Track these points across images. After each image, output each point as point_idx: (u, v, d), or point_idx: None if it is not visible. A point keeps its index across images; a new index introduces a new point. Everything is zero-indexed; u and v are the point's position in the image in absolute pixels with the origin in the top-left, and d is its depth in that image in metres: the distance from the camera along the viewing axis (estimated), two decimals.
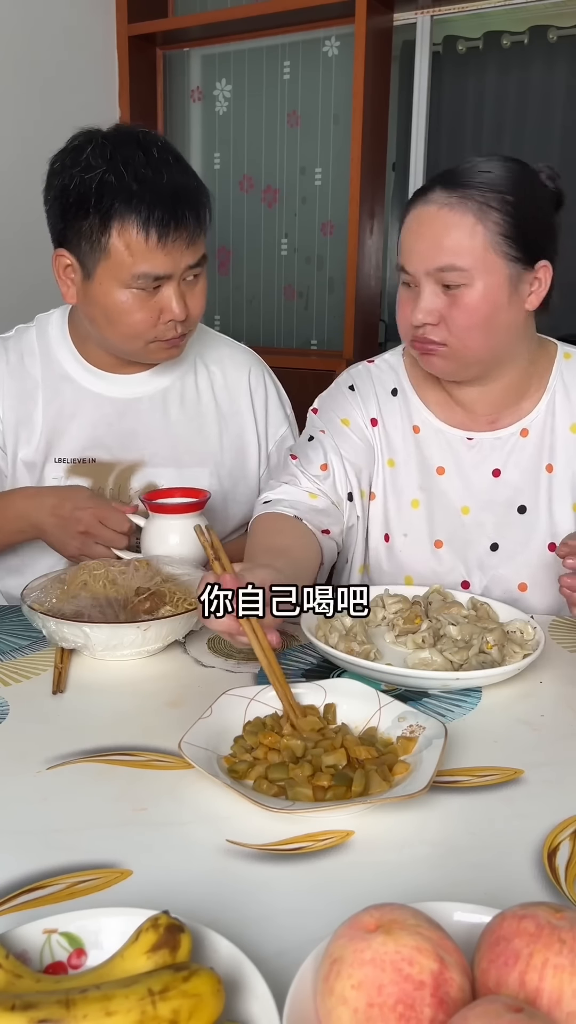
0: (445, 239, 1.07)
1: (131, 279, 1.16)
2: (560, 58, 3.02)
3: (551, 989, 0.44)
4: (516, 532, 1.23)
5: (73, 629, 0.97)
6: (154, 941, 0.48)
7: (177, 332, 1.22)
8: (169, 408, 1.36)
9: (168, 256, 1.15)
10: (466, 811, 0.73)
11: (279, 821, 0.70)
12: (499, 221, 1.07)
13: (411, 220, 1.12)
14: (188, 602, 1.03)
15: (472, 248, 1.07)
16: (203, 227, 1.19)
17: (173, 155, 1.18)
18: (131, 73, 3.39)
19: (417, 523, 1.26)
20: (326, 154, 3.32)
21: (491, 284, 1.08)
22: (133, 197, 1.12)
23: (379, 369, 1.32)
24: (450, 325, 1.10)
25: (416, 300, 1.11)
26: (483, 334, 1.11)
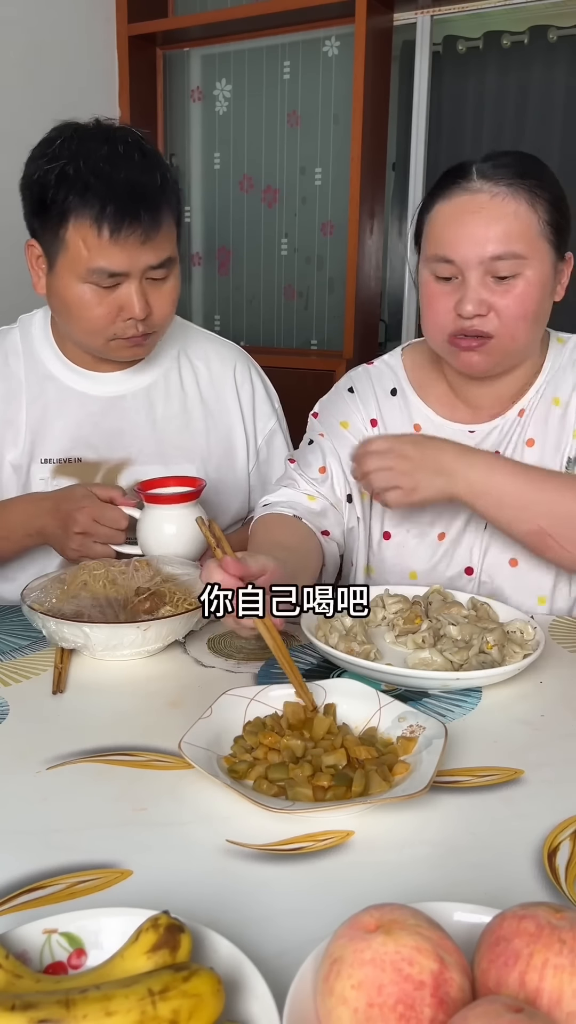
0: (501, 226, 1.06)
1: (87, 273, 1.14)
2: (560, 58, 3.02)
3: (551, 989, 0.44)
4: None
5: (73, 629, 0.97)
6: (154, 941, 0.48)
7: (138, 331, 1.20)
8: (154, 404, 1.36)
9: (123, 253, 1.13)
10: (466, 811, 0.73)
11: (279, 821, 0.70)
12: (547, 209, 1.08)
13: (452, 210, 1.09)
14: (188, 602, 1.03)
15: (528, 235, 1.07)
16: (160, 225, 1.15)
17: (142, 151, 1.16)
18: (131, 73, 3.39)
19: (421, 518, 1.26)
20: (326, 154, 3.32)
21: (541, 272, 1.09)
22: (88, 190, 1.11)
23: (378, 370, 1.32)
24: (501, 315, 1.09)
25: (459, 292, 1.09)
26: (530, 324, 1.11)
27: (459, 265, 1.08)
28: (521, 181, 1.07)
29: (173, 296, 1.23)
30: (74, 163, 1.12)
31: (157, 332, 1.25)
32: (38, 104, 3.00)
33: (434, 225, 1.12)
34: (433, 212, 1.12)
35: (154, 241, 1.14)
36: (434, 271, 1.12)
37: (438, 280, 1.12)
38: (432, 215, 1.13)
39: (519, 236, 1.06)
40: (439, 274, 1.11)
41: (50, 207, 1.14)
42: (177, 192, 1.20)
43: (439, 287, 1.12)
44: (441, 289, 1.12)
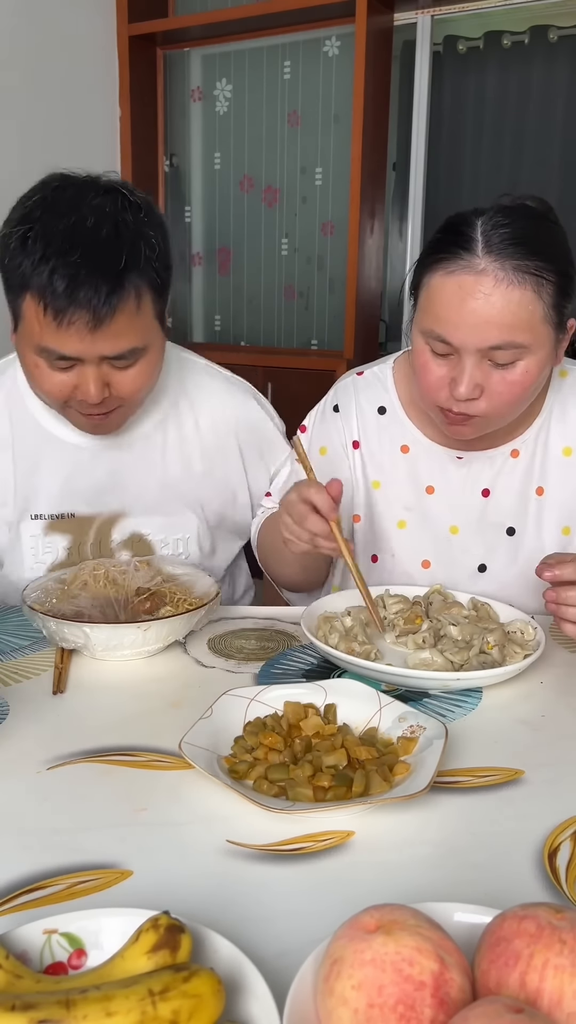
0: (503, 316, 0.99)
1: (38, 350, 1.05)
2: (560, 58, 3.02)
3: (552, 990, 0.44)
4: (504, 554, 1.22)
5: (73, 629, 0.97)
6: (154, 941, 0.48)
7: (95, 410, 1.10)
8: (149, 455, 1.26)
9: (71, 339, 1.01)
10: (466, 811, 0.73)
11: (279, 821, 0.70)
12: (552, 292, 1.01)
13: (451, 287, 1.01)
14: (188, 602, 1.03)
15: (531, 325, 1.01)
16: (114, 313, 1.01)
17: (115, 225, 1.01)
18: (131, 73, 3.39)
19: (405, 543, 1.25)
20: (326, 154, 3.32)
21: (541, 357, 1.04)
22: (39, 265, 0.99)
23: (367, 383, 1.27)
24: (492, 398, 1.04)
25: (454, 369, 1.04)
26: (521, 405, 1.08)
27: (456, 347, 1.03)
28: (530, 263, 0.99)
29: (142, 379, 1.10)
30: (35, 230, 1.01)
31: (125, 407, 1.14)
32: (38, 104, 3.00)
33: (432, 297, 1.04)
34: (433, 281, 1.04)
35: (108, 328, 1.01)
36: (430, 345, 1.06)
37: (433, 354, 1.07)
38: (431, 284, 1.04)
39: (522, 325, 1.00)
40: (435, 350, 1.06)
41: (8, 271, 1.04)
42: (158, 270, 1.06)
43: (434, 360, 1.07)
44: (436, 363, 1.07)
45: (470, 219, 1.03)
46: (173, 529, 1.28)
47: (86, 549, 1.25)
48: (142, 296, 1.04)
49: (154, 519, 1.27)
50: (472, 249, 1.01)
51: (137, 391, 1.11)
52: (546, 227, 1.06)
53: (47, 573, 1.21)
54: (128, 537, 1.26)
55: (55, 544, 1.24)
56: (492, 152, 3.21)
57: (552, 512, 1.20)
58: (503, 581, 1.21)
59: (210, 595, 1.05)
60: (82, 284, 0.99)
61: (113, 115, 3.42)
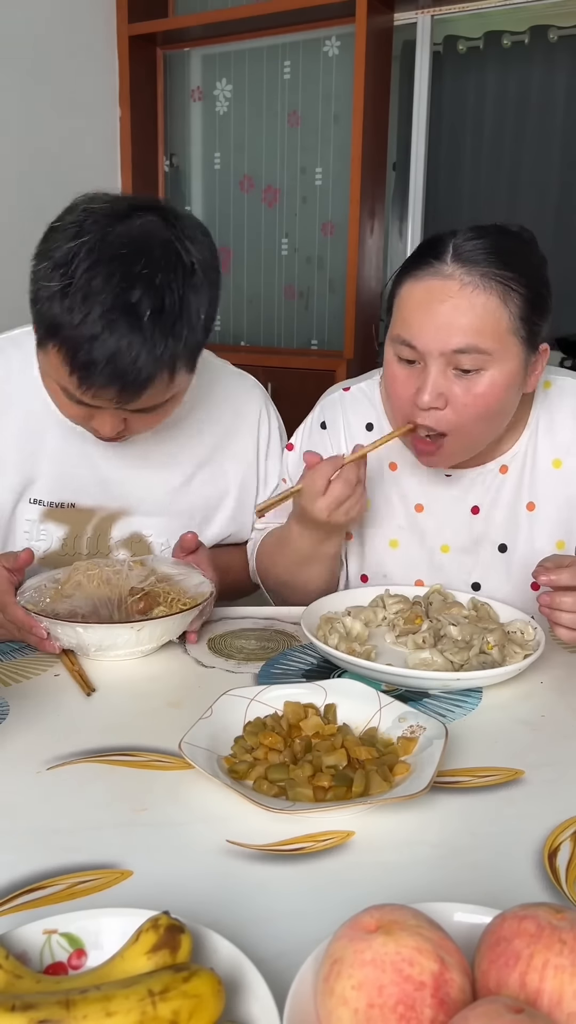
0: (468, 319, 0.99)
1: (59, 386, 1.03)
2: (560, 58, 3.02)
3: (552, 990, 0.44)
4: (498, 571, 1.21)
5: (66, 629, 0.97)
6: (154, 942, 0.48)
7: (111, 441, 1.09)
8: (162, 453, 1.23)
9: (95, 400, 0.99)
10: (467, 812, 0.73)
11: (279, 821, 0.70)
12: (519, 304, 1.01)
13: (419, 292, 1.02)
14: (182, 602, 1.03)
15: (496, 331, 1.00)
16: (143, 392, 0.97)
17: (157, 309, 0.93)
18: (131, 73, 3.39)
19: (396, 563, 1.24)
20: (326, 154, 3.32)
21: (507, 370, 1.03)
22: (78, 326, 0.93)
23: (354, 399, 1.26)
24: (458, 410, 1.03)
25: (420, 379, 1.04)
26: (488, 422, 1.07)
27: (421, 352, 1.02)
28: (497, 272, 1.00)
29: (159, 419, 1.08)
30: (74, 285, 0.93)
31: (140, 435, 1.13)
32: (38, 104, 3.00)
33: (401, 305, 1.05)
34: (403, 289, 1.05)
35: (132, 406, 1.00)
36: (397, 352, 1.06)
37: (400, 362, 1.06)
38: (401, 292, 1.05)
39: (487, 331, 1.00)
40: (402, 356, 1.06)
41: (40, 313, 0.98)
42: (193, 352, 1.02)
43: (401, 370, 1.06)
44: (403, 372, 1.06)
45: (444, 237, 1.05)
46: (177, 532, 1.24)
47: (82, 542, 1.23)
48: (177, 370, 1.00)
49: (158, 521, 1.25)
50: (442, 258, 1.02)
51: (151, 427, 1.10)
52: (519, 245, 1.06)
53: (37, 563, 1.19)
54: (128, 536, 1.25)
55: (50, 533, 1.22)
56: (492, 152, 3.21)
57: (544, 526, 1.19)
58: (498, 598, 1.19)
59: (204, 595, 1.05)
60: (116, 363, 0.94)
61: (113, 115, 3.42)
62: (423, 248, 1.06)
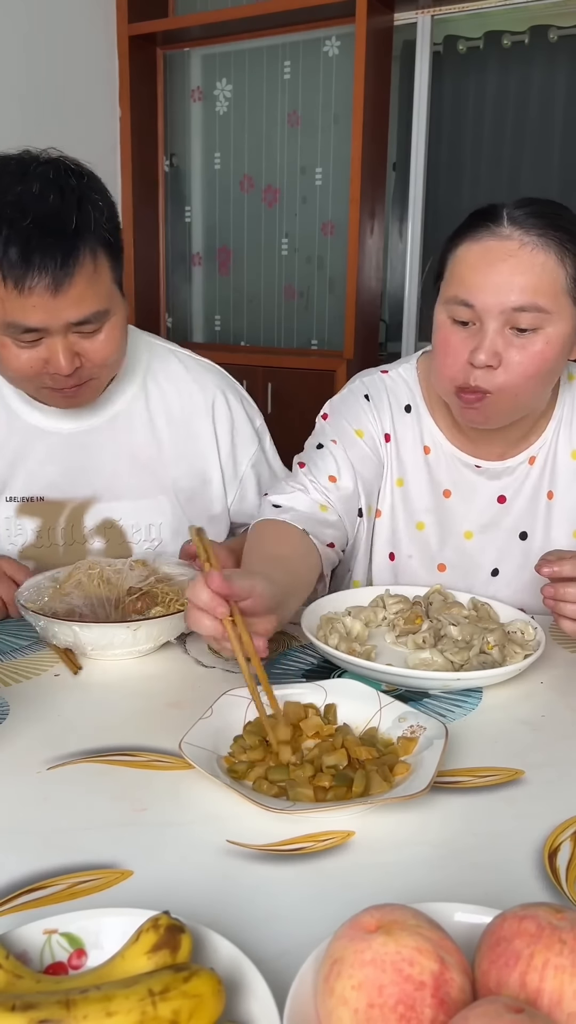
0: (529, 276, 1.00)
1: (3, 327, 1.04)
2: (560, 58, 3.02)
3: (552, 990, 0.44)
4: (516, 558, 1.22)
5: (63, 628, 0.97)
6: (154, 941, 0.48)
7: (67, 384, 1.10)
8: (120, 437, 1.27)
9: (34, 306, 1.01)
10: (467, 812, 0.73)
11: (280, 821, 0.70)
12: (574, 264, 1.02)
13: (477, 252, 1.03)
14: (179, 603, 1.03)
15: (554, 290, 1.01)
16: (73, 273, 1.01)
17: (61, 189, 1.02)
18: (131, 73, 3.39)
19: (422, 545, 1.25)
20: (326, 154, 3.32)
21: (562, 331, 1.04)
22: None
23: (393, 382, 1.26)
24: (509, 370, 1.04)
25: (475, 340, 1.04)
26: (538, 384, 1.07)
27: (479, 311, 1.03)
28: (553, 232, 1.02)
29: (111, 343, 1.11)
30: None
31: (98, 379, 1.14)
32: (38, 104, 3.01)
33: (457, 266, 1.06)
34: (458, 252, 1.06)
35: (69, 291, 1.02)
36: (452, 314, 1.06)
37: (455, 323, 1.06)
38: (456, 255, 1.06)
39: (545, 290, 1.01)
40: (457, 317, 1.05)
41: None
42: (106, 230, 1.07)
43: (455, 331, 1.06)
44: (457, 334, 1.06)
45: (495, 204, 1.07)
46: (145, 514, 1.28)
47: (56, 534, 1.26)
48: (98, 257, 1.05)
49: (125, 504, 1.28)
50: (498, 220, 1.04)
51: (106, 358, 1.11)
52: (567, 211, 1.08)
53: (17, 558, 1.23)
54: (100, 523, 1.27)
55: (24, 527, 1.25)
56: (492, 152, 3.21)
57: (562, 516, 1.21)
58: (515, 585, 1.21)
59: None
60: (36, 249, 0.99)
61: (113, 115, 3.42)
62: (475, 215, 1.08)
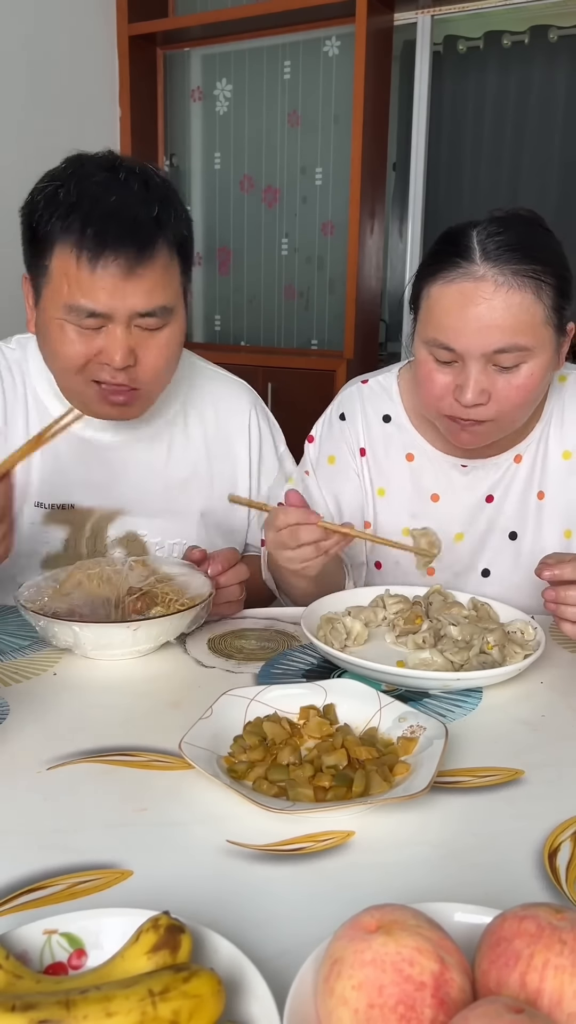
0: (506, 319, 1.01)
1: (66, 310, 1.03)
2: (560, 58, 3.02)
3: (552, 990, 0.44)
4: (507, 558, 1.23)
5: (63, 627, 0.97)
6: (154, 942, 0.48)
7: (114, 379, 1.07)
8: (154, 457, 1.26)
9: (104, 287, 1.01)
10: (467, 812, 0.73)
11: (279, 821, 0.70)
12: (551, 295, 1.02)
13: (452, 295, 1.02)
14: (179, 603, 1.03)
15: (533, 327, 1.02)
16: (149, 260, 1.02)
17: (145, 182, 1.04)
18: (131, 73, 3.39)
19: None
20: (326, 154, 3.32)
21: (544, 359, 1.05)
22: (72, 212, 1.00)
23: (372, 391, 1.27)
24: (501, 403, 1.05)
25: (459, 376, 1.05)
26: (528, 408, 1.09)
27: (460, 353, 1.04)
28: (527, 266, 1.01)
29: (169, 352, 1.10)
30: (66, 186, 1.02)
31: (146, 391, 1.12)
32: (38, 104, 3.01)
33: (434, 307, 1.05)
34: (433, 290, 1.05)
35: (141, 278, 1.02)
36: (433, 354, 1.07)
37: (437, 363, 1.07)
38: (431, 293, 1.05)
39: (524, 328, 1.01)
40: (438, 358, 1.06)
41: (37, 231, 1.04)
42: (183, 235, 1.08)
43: (438, 369, 1.07)
44: (440, 371, 1.07)
45: (465, 230, 1.05)
46: (170, 533, 1.27)
47: (81, 541, 1.24)
48: (173, 252, 1.05)
49: (154, 521, 1.26)
50: (470, 257, 1.02)
51: (161, 366, 1.10)
52: (540, 233, 1.07)
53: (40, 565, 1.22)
54: (124, 535, 1.26)
55: (52, 535, 1.23)
56: (492, 152, 3.21)
57: (553, 516, 1.21)
58: (506, 585, 1.21)
59: (202, 596, 1.05)
60: (115, 229, 0.99)
61: (113, 115, 3.42)
62: (447, 245, 1.05)
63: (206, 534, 1.30)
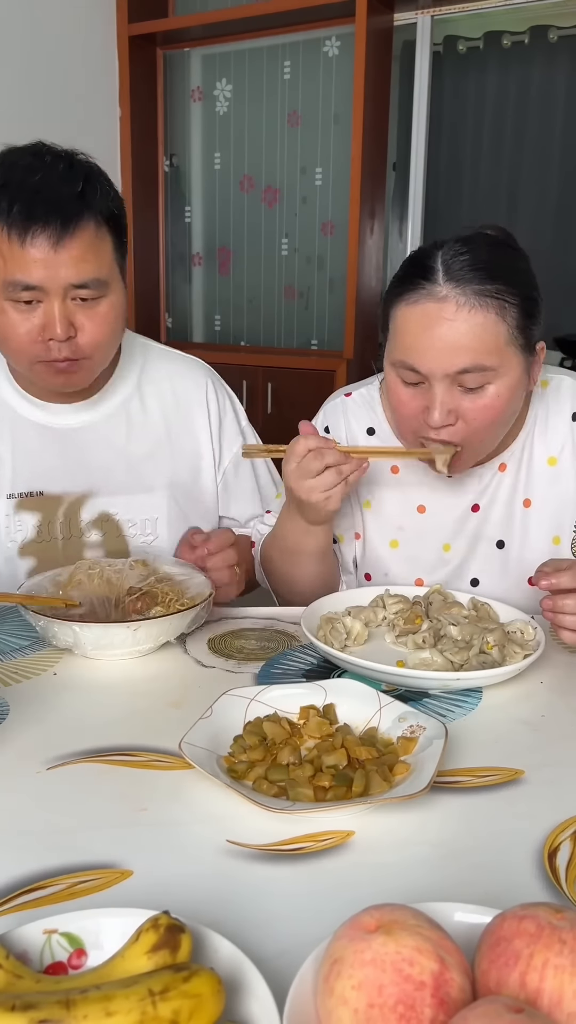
0: (468, 339, 1.00)
1: (4, 288, 1.08)
2: (560, 58, 3.02)
3: (552, 990, 0.44)
4: (495, 567, 1.22)
5: (63, 628, 0.97)
6: (154, 941, 0.48)
7: (61, 355, 1.12)
8: (116, 434, 1.30)
9: (35, 262, 1.06)
10: (467, 811, 0.73)
11: (279, 821, 0.70)
12: (515, 315, 1.02)
13: (416, 317, 1.03)
14: (180, 603, 1.03)
15: (496, 346, 1.01)
16: (74, 233, 1.06)
17: (70, 164, 1.10)
18: (131, 73, 3.39)
19: (397, 562, 1.25)
20: (326, 154, 3.32)
21: (511, 379, 1.04)
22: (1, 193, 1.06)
23: (355, 404, 1.27)
24: (470, 423, 1.05)
25: (427, 398, 1.05)
26: (499, 428, 1.09)
27: (425, 374, 1.04)
28: (490, 286, 1.00)
29: (108, 322, 1.14)
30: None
31: (91, 359, 1.16)
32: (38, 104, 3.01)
33: (399, 328, 1.06)
34: (398, 312, 1.05)
35: (69, 250, 1.07)
36: (400, 375, 1.07)
37: (404, 384, 1.07)
38: (396, 315, 1.06)
39: (488, 348, 1.01)
40: (406, 380, 1.07)
41: None
42: (113, 213, 1.12)
43: (406, 391, 1.08)
44: (408, 393, 1.07)
45: (431, 251, 1.05)
46: (140, 509, 1.30)
47: (55, 527, 1.27)
48: (101, 228, 1.10)
49: (120, 499, 1.29)
50: (433, 279, 1.02)
51: (101, 336, 1.14)
52: (505, 253, 1.07)
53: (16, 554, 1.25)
54: (96, 516, 1.28)
55: (24, 522, 1.26)
56: (492, 152, 3.21)
57: (540, 523, 1.20)
58: (495, 594, 1.20)
59: (202, 596, 1.05)
60: (41, 204, 1.05)
61: (113, 115, 3.42)
62: (411, 267, 1.06)
63: (177, 507, 1.33)
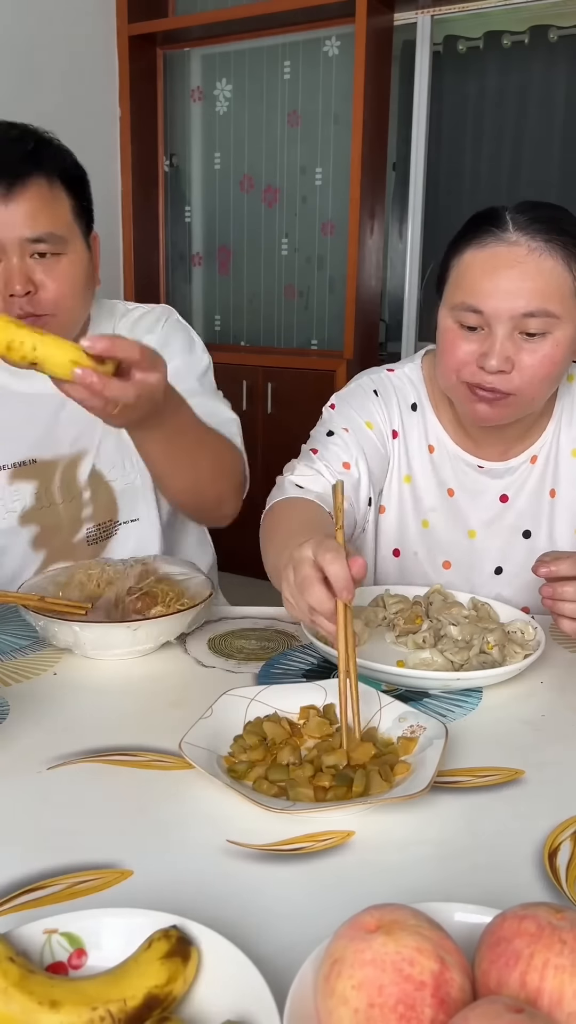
0: (536, 283, 1.02)
1: None
2: (560, 58, 3.02)
3: (552, 990, 0.44)
4: (520, 556, 1.23)
5: (63, 628, 0.97)
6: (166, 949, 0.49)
7: (22, 311, 1.12)
8: None
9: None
10: (467, 811, 0.73)
11: (280, 821, 0.70)
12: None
13: (484, 259, 1.04)
14: (180, 603, 1.03)
15: (562, 294, 1.02)
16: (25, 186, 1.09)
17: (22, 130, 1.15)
18: (131, 73, 3.39)
19: (428, 542, 1.26)
20: (326, 154, 3.32)
21: (569, 333, 1.05)
22: None
23: (400, 380, 1.27)
24: (524, 374, 1.05)
25: (484, 344, 1.05)
26: (550, 384, 1.08)
27: (488, 317, 1.04)
28: (558, 237, 1.03)
29: (69, 278, 1.15)
30: None
31: (56, 317, 1.16)
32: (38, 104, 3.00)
33: (464, 272, 1.06)
34: (464, 258, 1.06)
35: (19, 204, 1.09)
36: (459, 319, 1.06)
37: (461, 328, 1.07)
38: (462, 261, 1.07)
39: (554, 294, 1.02)
40: (465, 323, 1.06)
41: None
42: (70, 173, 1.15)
43: (463, 335, 1.07)
44: (465, 338, 1.07)
45: (497, 209, 1.07)
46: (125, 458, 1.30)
47: (53, 492, 1.28)
48: (55, 184, 1.12)
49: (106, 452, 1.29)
50: (503, 227, 1.04)
51: (62, 292, 1.14)
52: (567, 214, 1.09)
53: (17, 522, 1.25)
54: (89, 476, 1.29)
55: (22, 491, 1.27)
56: (492, 152, 3.21)
57: (564, 513, 1.21)
58: (518, 584, 1.22)
59: (202, 596, 1.05)
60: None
61: (113, 115, 3.42)
62: (478, 218, 1.08)
63: None
